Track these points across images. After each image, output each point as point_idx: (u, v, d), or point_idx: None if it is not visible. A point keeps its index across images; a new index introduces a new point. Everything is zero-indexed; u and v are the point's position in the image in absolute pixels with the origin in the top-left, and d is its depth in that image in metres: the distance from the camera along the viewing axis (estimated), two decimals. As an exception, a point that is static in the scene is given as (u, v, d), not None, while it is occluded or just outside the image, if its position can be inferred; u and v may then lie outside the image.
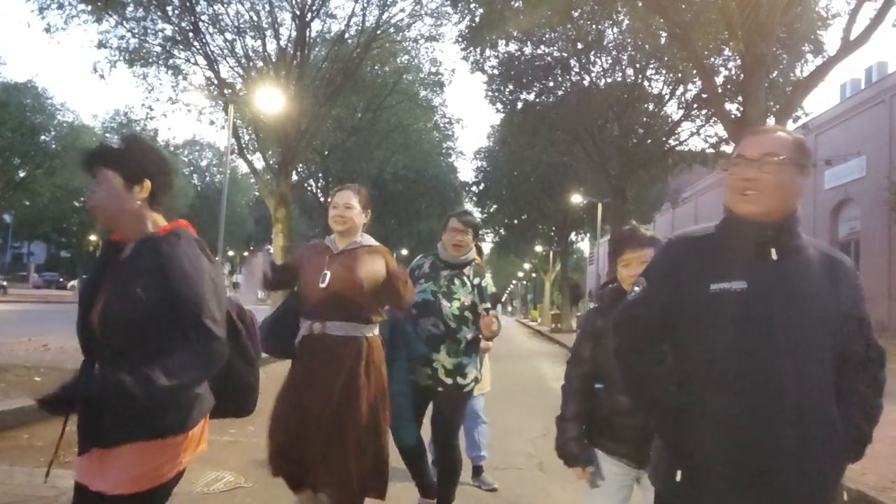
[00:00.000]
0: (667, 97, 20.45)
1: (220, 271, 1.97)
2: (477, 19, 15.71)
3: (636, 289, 1.82)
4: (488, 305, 3.56)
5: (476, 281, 3.65)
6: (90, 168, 1.85)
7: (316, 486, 3.05)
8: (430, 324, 3.53)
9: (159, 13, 17.86)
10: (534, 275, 55.04)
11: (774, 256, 1.62)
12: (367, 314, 3.13)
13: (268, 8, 19.03)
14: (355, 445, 3.01)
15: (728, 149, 17.22)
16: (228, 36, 19.02)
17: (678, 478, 1.64)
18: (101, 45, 18.34)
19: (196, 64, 19.29)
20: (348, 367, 3.05)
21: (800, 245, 1.65)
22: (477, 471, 4.70)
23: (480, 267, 3.74)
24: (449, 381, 3.53)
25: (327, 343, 3.06)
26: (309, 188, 30.73)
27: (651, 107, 20.89)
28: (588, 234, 36.16)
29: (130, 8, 17.64)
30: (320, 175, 30.21)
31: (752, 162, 1.63)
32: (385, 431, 3.16)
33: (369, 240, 3.29)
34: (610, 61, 20.19)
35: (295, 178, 22.16)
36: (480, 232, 3.83)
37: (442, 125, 30.11)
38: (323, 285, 3.08)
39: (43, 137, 31.09)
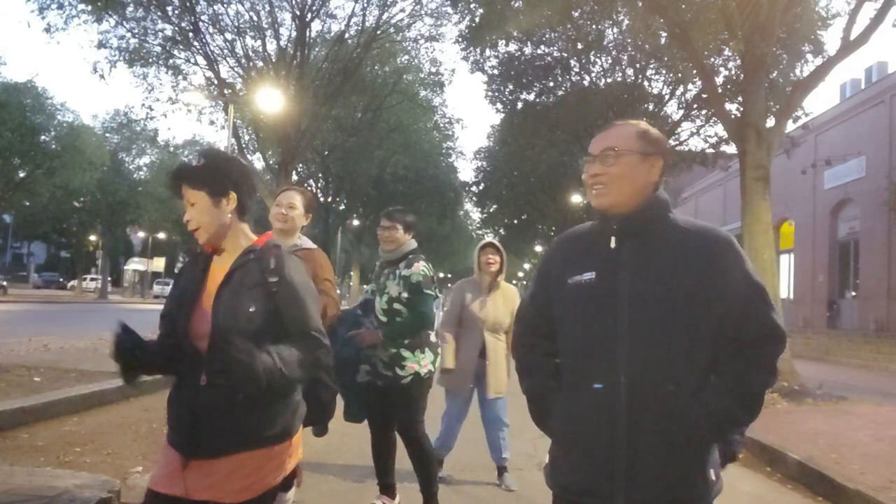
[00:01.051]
0: (667, 97, 20.43)
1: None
2: (477, 19, 15.69)
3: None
4: (409, 295, 3.62)
5: (406, 273, 3.67)
6: (176, 190, 1.88)
7: None
8: (369, 322, 3.67)
9: (159, 13, 17.84)
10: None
11: (612, 245, 1.67)
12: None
13: (268, 8, 19.03)
14: None
15: (728, 149, 17.21)
16: (228, 36, 19.03)
17: (546, 460, 1.76)
18: (101, 45, 18.32)
19: (196, 64, 19.29)
20: None
21: (659, 231, 1.66)
22: (500, 471, 4.77)
23: (416, 257, 3.73)
24: (388, 373, 3.64)
25: None
26: (309, 188, 30.70)
27: (651, 107, 20.86)
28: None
29: (130, 8, 17.61)
30: (320, 175, 30.22)
31: (595, 158, 1.71)
32: None
33: (307, 242, 3.41)
34: (610, 61, 20.17)
35: (295, 178, 22.15)
36: (410, 221, 3.81)
37: (442, 125, 30.11)
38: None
39: (43, 137, 31.03)
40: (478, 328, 4.71)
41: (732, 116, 11.41)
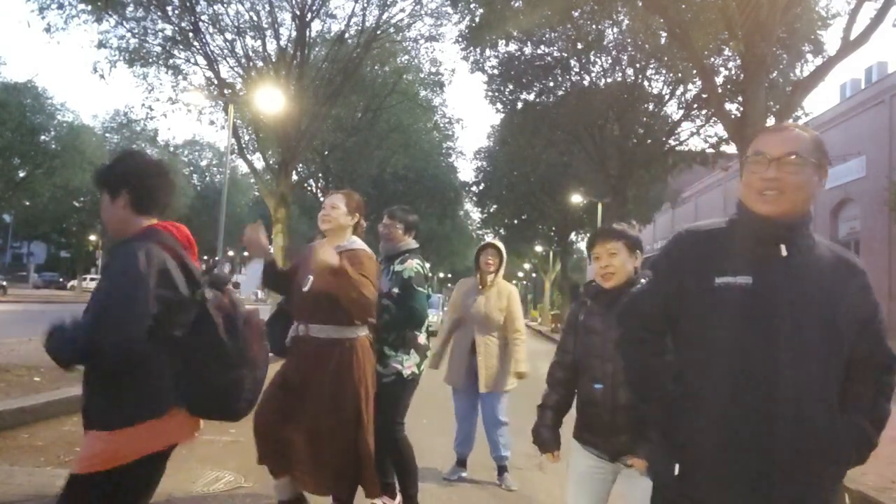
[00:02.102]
0: (667, 97, 20.44)
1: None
2: (477, 19, 15.70)
3: (643, 280, 1.84)
4: (396, 290, 3.57)
5: (398, 268, 3.65)
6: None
7: (294, 473, 3.18)
8: None
9: (159, 13, 17.84)
10: (534, 275, 55.04)
11: (784, 253, 1.59)
12: (350, 317, 3.19)
13: (268, 8, 19.01)
14: (333, 441, 3.12)
15: (728, 149, 17.21)
16: (228, 36, 19.01)
17: (676, 471, 1.61)
18: (101, 45, 18.31)
19: (196, 64, 19.28)
20: (331, 371, 3.16)
21: (811, 244, 1.62)
22: (500, 471, 4.77)
23: (412, 255, 3.71)
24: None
25: (311, 345, 3.20)
26: (309, 188, 30.70)
27: (651, 107, 20.87)
28: (588, 234, 36.19)
29: (130, 8, 17.61)
30: (320, 175, 30.18)
31: (772, 161, 1.59)
32: (366, 430, 3.23)
33: (358, 244, 3.37)
34: (610, 61, 20.18)
35: (295, 178, 22.14)
36: (412, 221, 3.83)
37: (442, 125, 30.08)
38: (305, 289, 3.20)
39: (43, 137, 31.04)
40: (470, 325, 4.77)
41: (732, 116, 11.42)
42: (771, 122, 10.71)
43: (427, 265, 3.79)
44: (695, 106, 19.02)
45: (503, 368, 4.74)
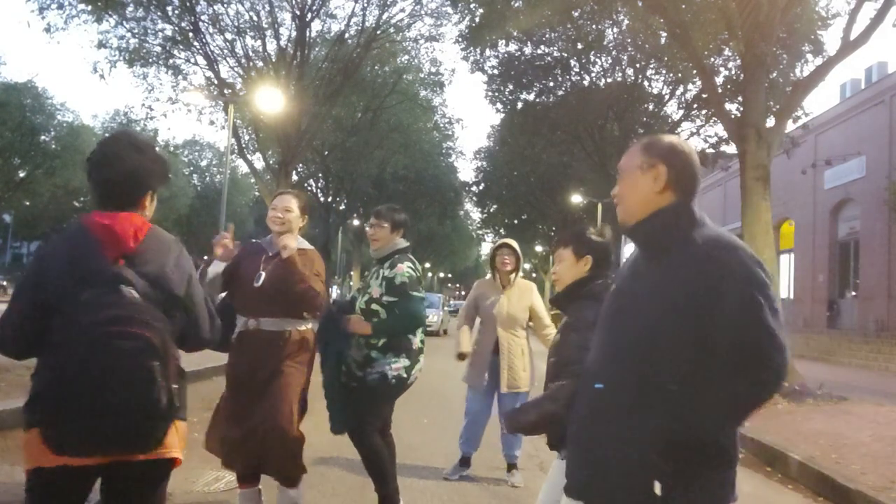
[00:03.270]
0: (667, 97, 20.45)
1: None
2: (477, 19, 15.69)
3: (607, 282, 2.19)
4: (393, 299, 3.51)
5: (388, 274, 3.59)
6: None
7: (229, 462, 3.40)
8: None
9: (159, 13, 17.84)
10: (534, 275, 55.01)
11: (633, 255, 1.78)
12: (300, 310, 3.37)
13: (268, 8, 19.03)
14: (268, 432, 3.23)
15: (728, 149, 17.21)
16: (228, 36, 19.03)
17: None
18: (101, 45, 18.33)
19: (196, 64, 19.30)
20: (277, 359, 3.31)
21: (658, 243, 1.67)
22: (509, 467, 4.84)
23: (402, 258, 3.64)
24: (360, 373, 3.55)
25: (260, 338, 3.32)
26: (309, 188, 30.69)
27: (651, 107, 20.88)
28: (584, 224, 36.16)
29: (130, 8, 17.62)
30: (320, 175, 30.19)
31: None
32: (293, 422, 3.33)
33: (304, 243, 3.53)
34: (610, 61, 20.19)
35: (295, 178, 22.16)
36: (400, 220, 3.74)
37: (442, 125, 30.11)
38: (257, 284, 3.32)
39: (43, 137, 31.05)
40: (493, 325, 4.80)
41: (732, 116, 11.41)
42: (771, 122, 10.70)
43: (418, 266, 3.71)
44: (695, 106, 19.03)
45: (524, 369, 4.78)
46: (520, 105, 21.47)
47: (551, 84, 20.72)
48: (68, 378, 1.74)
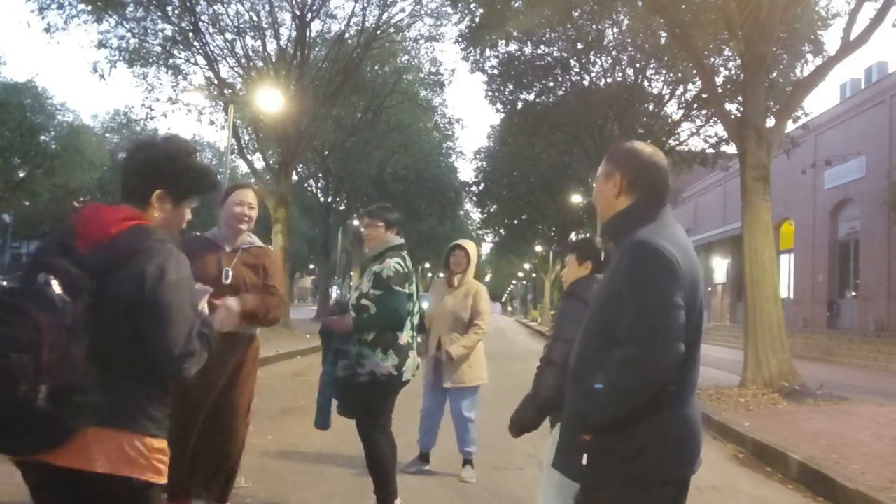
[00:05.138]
0: (667, 97, 20.42)
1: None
2: (477, 19, 15.68)
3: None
4: (379, 292, 3.56)
5: (377, 269, 3.63)
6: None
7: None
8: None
9: (159, 13, 17.84)
10: (534, 275, 54.99)
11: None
12: (265, 323, 3.31)
13: (268, 8, 19.03)
14: (220, 436, 3.25)
15: (728, 149, 17.20)
16: (228, 36, 19.03)
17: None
18: (101, 45, 18.33)
19: (196, 64, 19.30)
20: (234, 364, 3.24)
21: (617, 245, 1.89)
22: (464, 463, 4.87)
23: (394, 254, 3.69)
24: (359, 370, 3.58)
25: (225, 339, 3.08)
26: (309, 188, 30.67)
27: (651, 107, 20.86)
28: (588, 235, 36.19)
29: (130, 8, 17.62)
30: (320, 175, 30.16)
31: None
32: (237, 431, 3.35)
33: (257, 239, 3.47)
34: (610, 61, 20.17)
35: (295, 178, 22.16)
36: (392, 218, 3.80)
37: (442, 125, 30.10)
38: (227, 281, 3.18)
39: (43, 137, 31.01)
40: (437, 323, 4.91)
41: (732, 116, 11.41)
42: (771, 122, 10.70)
43: (408, 263, 3.74)
44: (695, 106, 19.00)
45: (470, 365, 4.82)
46: (520, 105, 21.44)
47: (551, 84, 20.70)
48: None
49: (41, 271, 1.65)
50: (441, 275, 5.40)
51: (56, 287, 1.61)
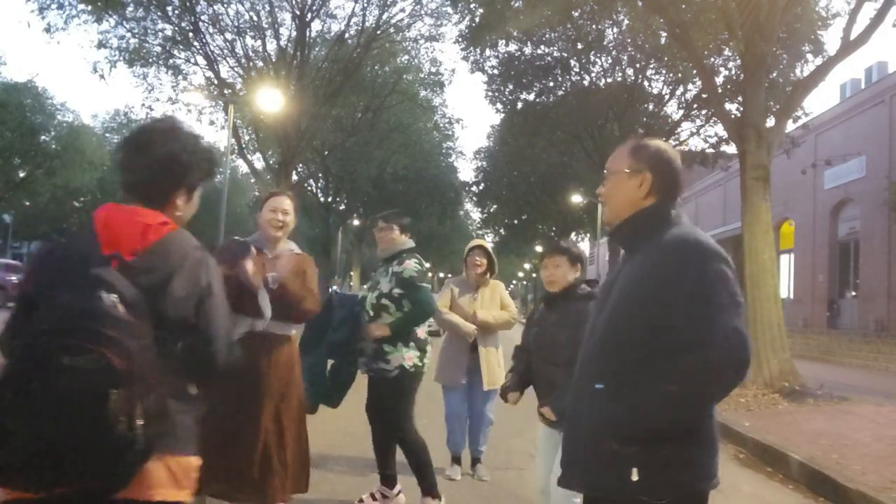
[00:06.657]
0: (667, 97, 20.44)
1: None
2: (477, 19, 15.68)
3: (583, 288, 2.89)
4: (402, 291, 3.72)
5: (397, 269, 3.79)
6: None
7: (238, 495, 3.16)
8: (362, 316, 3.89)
9: (159, 13, 17.85)
10: (534, 275, 55.01)
11: (622, 255, 1.91)
12: (297, 318, 3.38)
13: (268, 8, 19.03)
14: (283, 439, 3.21)
15: (728, 149, 17.21)
16: (228, 36, 19.03)
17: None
18: (101, 45, 18.34)
19: (196, 64, 19.31)
20: (282, 363, 3.28)
21: (637, 244, 1.80)
22: (473, 462, 4.90)
23: (410, 255, 3.86)
24: (376, 365, 3.77)
25: (268, 341, 3.22)
26: (309, 188, 30.66)
27: (651, 107, 20.87)
28: (588, 234, 36.15)
29: (130, 8, 17.62)
30: (320, 175, 30.18)
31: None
32: (302, 421, 3.37)
33: (296, 246, 3.54)
34: (610, 61, 20.18)
35: (295, 178, 22.13)
36: (405, 223, 4.00)
37: (442, 125, 30.08)
38: (273, 286, 3.20)
39: (43, 137, 31.05)
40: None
41: (732, 116, 11.41)
42: (771, 122, 10.70)
43: (426, 264, 3.95)
44: (695, 106, 19.01)
45: (499, 364, 4.83)
46: (520, 105, 21.45)
47: (551, 84, 20.71)
48: (6, 396, 1.39)
49: (97, 287, 1.46)
50: (450, 275, 5.46)
51: (119, 306, 1.46)
